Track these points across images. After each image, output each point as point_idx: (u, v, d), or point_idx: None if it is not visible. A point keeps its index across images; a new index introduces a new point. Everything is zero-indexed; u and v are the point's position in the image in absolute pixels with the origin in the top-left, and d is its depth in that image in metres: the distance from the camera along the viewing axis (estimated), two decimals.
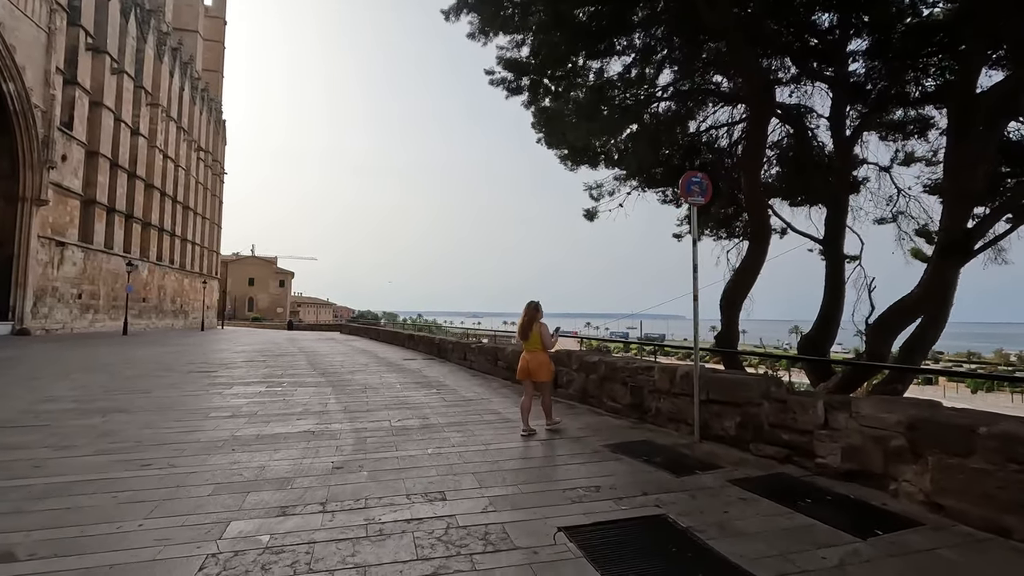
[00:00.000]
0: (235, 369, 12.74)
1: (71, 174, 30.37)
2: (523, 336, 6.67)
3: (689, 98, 14.97)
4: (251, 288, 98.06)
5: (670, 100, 15.01)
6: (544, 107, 12.83)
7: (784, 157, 16.20)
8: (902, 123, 14.45)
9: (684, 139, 15.92)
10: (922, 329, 10.52)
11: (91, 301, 33.14)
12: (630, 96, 14.34)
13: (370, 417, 7.08)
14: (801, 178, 14.53)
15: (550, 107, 12.80)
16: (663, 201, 16.93)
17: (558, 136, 13.15)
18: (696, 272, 5.93)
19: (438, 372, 12.36)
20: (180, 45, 47.71)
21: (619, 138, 15.29)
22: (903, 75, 12.96)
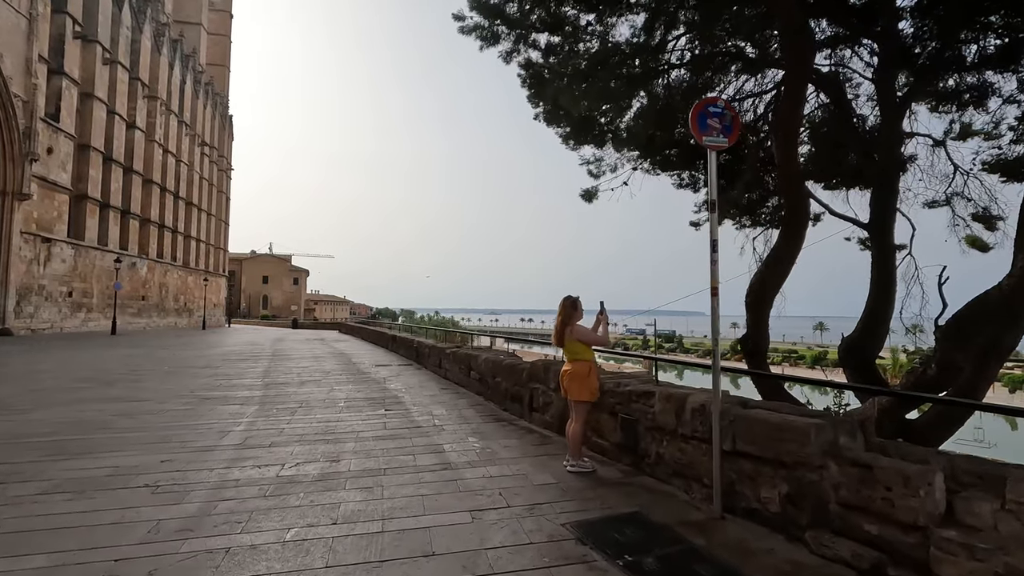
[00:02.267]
0: (175, 377, 10.97)
1: (58, 167, 29.18)
2: (558, 342, 5.14)
3: (707, 65, 12.76)
4: (265, 286, 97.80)
5: (685, 68, 12.82)
6: (531, 61, 10.74)
7: (818, 133, 13.93)
8: (957, 91, 12.10)
9: None
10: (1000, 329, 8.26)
11: (83, 299, 32.01)
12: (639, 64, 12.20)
13: (267, 457, 5.16)
14: (839, 155, 12.28)
15: (539, 63, 10.71)
16: (679, 185, 14.74)
17: (550, 102, 11.08)
18: (716, 251, 3.85)
19: (404, 383, 10.42)
20: (181, 37, 46.58)
21: (626, 114, 13.17)
22: (958, 34, 10.65)
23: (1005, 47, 9.92)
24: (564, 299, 5.10)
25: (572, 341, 4.99)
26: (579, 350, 4.99)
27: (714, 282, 3.85)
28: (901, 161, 12.68)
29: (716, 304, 3.87)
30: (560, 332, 5.05)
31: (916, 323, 11.15)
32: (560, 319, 5.04)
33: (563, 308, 5.05)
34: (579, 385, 4.90)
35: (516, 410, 7.26)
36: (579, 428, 4.90)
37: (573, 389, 4.93)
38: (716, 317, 3.86)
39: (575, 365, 4.97)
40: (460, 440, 5.92)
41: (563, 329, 5.02)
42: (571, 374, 4.95)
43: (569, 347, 5.03)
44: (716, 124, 3.92)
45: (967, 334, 8.21)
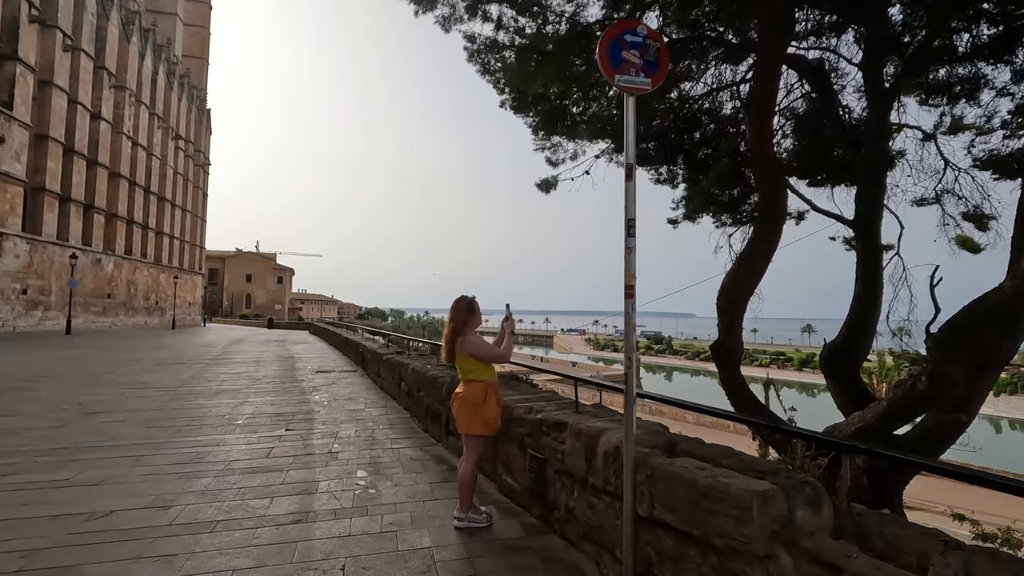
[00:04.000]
0: (76, 386, 9.75)
1: (11, 158, 27.64)
2: (448, 357, 3.93)
3: (684, 52, 11.69)
4: (249, 284, 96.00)
5: None
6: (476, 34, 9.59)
7: (802, 126, 12.93)
8: (948, 82, 11.15)
9: (679, 105, 12.67)
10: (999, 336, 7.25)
11: (40, 297, 30.46)
12: None
13: (85, 502, 3.99)
14: (824, 149, 11.29)
15: (487, 38, 9.57)
16: (656, 181, 13.68)
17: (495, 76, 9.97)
18: (632, 234, 2.74)
19: (332, 394, 9.24)
20: (155, 27, 44.99)
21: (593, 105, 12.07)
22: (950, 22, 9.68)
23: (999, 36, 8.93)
24: (457, 301, 3.94)
25: (464, 357, 3.84)
26: (472, 368, 3.84)
27: (629, 279, 2.73)
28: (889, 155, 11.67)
29: (630, 307, 2.75)
30: (451, 344, 3.88)
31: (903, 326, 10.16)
32: (451, 327, 3.88)
33: (455, 312, 3.90)
34: (469, 414, 3.77)
35: (435, 431, 6.12)
36: (469, 470, 3.75)
37: (462, 419, 3.81)
38: (630, 325, 2.75)
39: (467, 388, 3.83)
40: (346, 475, 4.76)
41: (453, 340, 3.86)
42: (461, 399, 3.82)
43: (461, 364, 3.89)
44: (635, 58, 2.81)
45: (962, 342, 7.16)
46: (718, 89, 12.57)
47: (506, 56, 9.94)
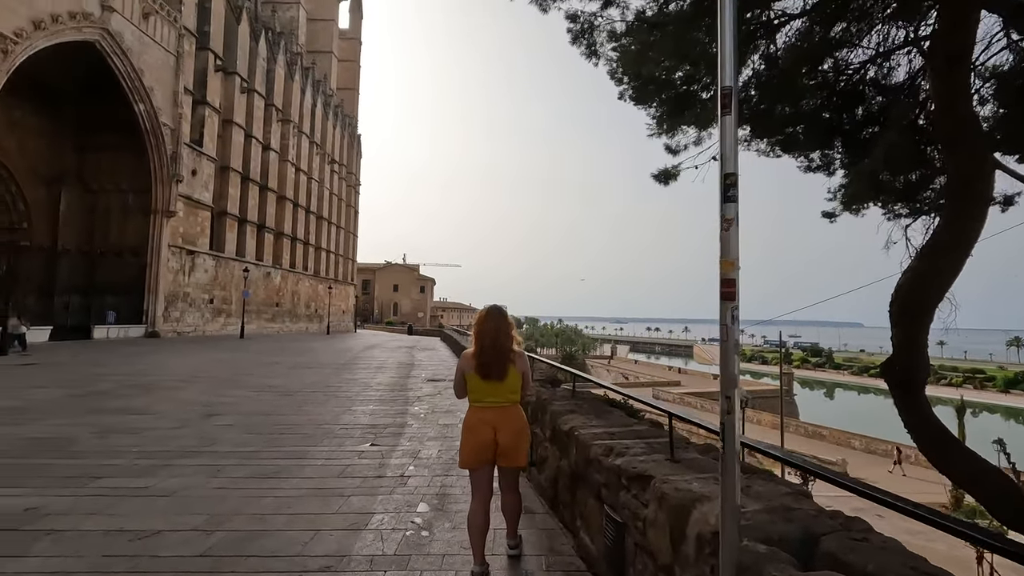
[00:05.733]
0: (216, 387, 10.58)
1: (201, 187, 32.51)
2: (488, 371, 3.16)
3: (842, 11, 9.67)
4: (395, 294, 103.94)
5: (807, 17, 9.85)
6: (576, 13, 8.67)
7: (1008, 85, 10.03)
8: None
9: (834, 78, 10.56)
10: None
11: (223, 306, 35.37)
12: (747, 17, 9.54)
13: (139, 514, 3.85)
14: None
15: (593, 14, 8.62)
16: (807, 168, 11.61)
17: (610, 63, 8.96)
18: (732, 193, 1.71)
19: (432, 405, 8.90)
20: (313, 65, 50.62)
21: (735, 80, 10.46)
22: None
23: None
24: (496, 308, 3.33)
25: (518, 373, 3.19)
26: (517, 387, 3.20)
27: (727, 268, 1.70)
28: None
29: (729, 315, 1.70)
30: (503, 353, 3.16)
31: None
32: (503, 336, 3.19)
33: (501, 321, 3.25)
34: (526, 441, 3.23)
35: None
36: (518, 498, 3.36)
37: (521, 450, 3.19)
38: (730, 345, 1.70)
39: (517, 411, 3.21)
40: (406, 508, 4.15)
41: (507, 352, 3.17)
42: (516, 428, 3.15)
43: (512, 382, 3.18)
44: None
45: None
46: (887, 53, 10.20)
47: (617, 31, 8.91)
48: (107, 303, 28.27)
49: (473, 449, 3.14)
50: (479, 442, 3.12)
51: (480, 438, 3.11)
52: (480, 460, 3.15)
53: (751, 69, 9.84)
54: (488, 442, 3.10)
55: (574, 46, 9.00)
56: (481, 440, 3.11)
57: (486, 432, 3.11)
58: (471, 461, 3.16)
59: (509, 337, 3.22)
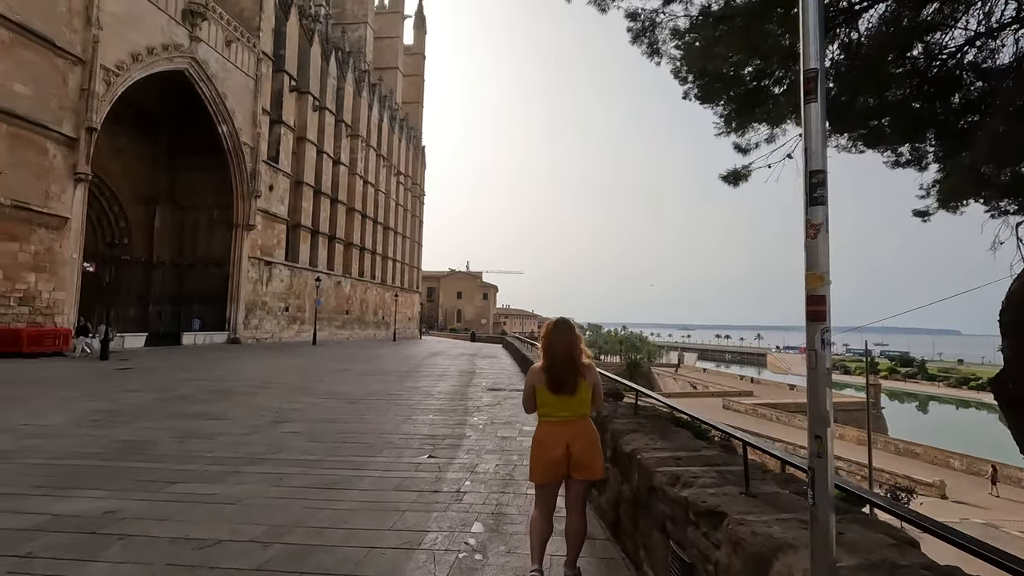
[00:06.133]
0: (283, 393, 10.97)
1: (278, 202, 34.42)
2: (560, 385, 3.11)
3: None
4: (459, 301, 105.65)
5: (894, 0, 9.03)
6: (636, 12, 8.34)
7: None
8: None
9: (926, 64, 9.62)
10: None
11: (297, 313, 37.18)
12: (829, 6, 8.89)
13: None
14: None
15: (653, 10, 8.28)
16: (895, 164, 10.67)
17: (673, 61, 8.59)
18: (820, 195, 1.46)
19: (491, 416, 8.79)
20: (380, 81, 52.57)
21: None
22: None
23: None
24: (562, 321, 3.28)
25: (589, 385, 3.14)
26: (587, 400, 3.16)
27: (814, 283, 1.44)
28: None
29: (819, 338, 1.43)
30: (577, 370, 3.11)
31: None
32: (573, 350, 3.14)
33: (570, 333, 3.19)
34: (599, 454, 3.20)
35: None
36: (584, 521, 3.20)
37: (595, 462, 3.13)
38: (820, 375, 1.43)
39: (587, 423, 3.17)
40: (460, 527, 4.03)
41: (576, 364, 3.12)
42: (591, 439, 3.13)
43: (583, 395, 3.13)
44: None
45: None
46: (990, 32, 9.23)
47: (680, 27, 8.53)
48: (194, 311, 30.36)
49: (545, 464, 3.10)
50: (552, 458, 3.07)
51: (553, 453, 3.06)
52: (552, 475, 3.12)
53: (829, 59, 9.16)
54: (560, 457, 3.05)
55: (635, 45, 8.68)
56: (554, 455, 3.06)
57: (559, 447, 3.05)
58: (543, 476, 3.13)
59: (579, 350, 3.17)
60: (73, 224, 20.40)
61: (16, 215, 18.17)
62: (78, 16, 20.27)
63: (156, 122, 29.96)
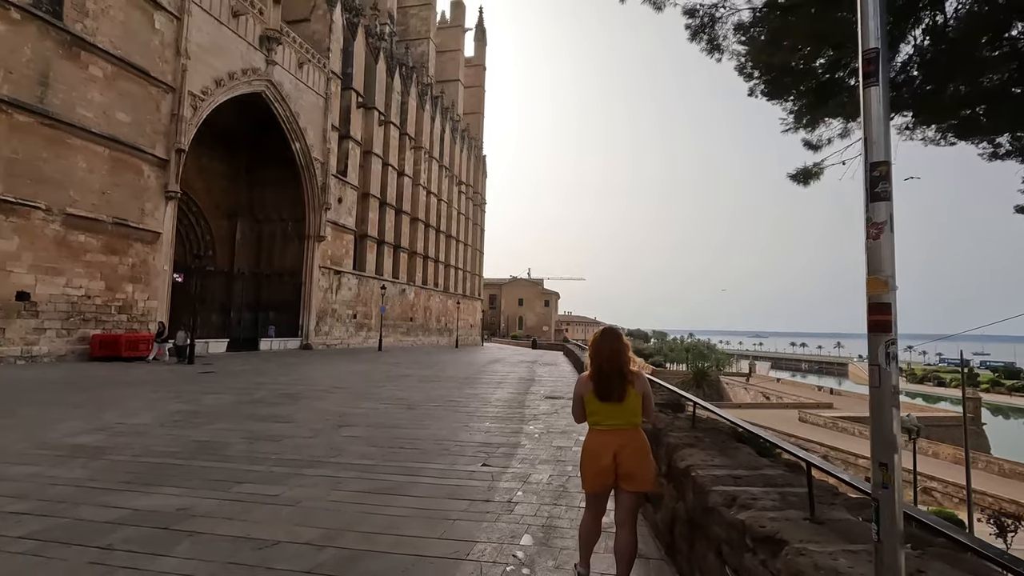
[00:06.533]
0: (339, 400, 11.33)
1: (346, 213, 35.94)
2: (607, 392, 3.14)
3: None
4: (520, 308, 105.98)
5: None
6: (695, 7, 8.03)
7: None
8: None
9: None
10: None
11: (364, 320, 38.56)
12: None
13: None
14: None
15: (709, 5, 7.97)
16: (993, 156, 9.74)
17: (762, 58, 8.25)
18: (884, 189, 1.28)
19: (548, 425, 8.66)
20: (442, 94, 53.93)
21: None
22: None
23: None
24: (609, 329, 3.27)
25: (638, 394, 3.14)
26: (638, 409, 3.15)
27: (876, 288, 1.27)
28: None
29: (883, 351, 1.26)
30: (624, 377, 3.12)
31: None
32: (620, 356, 3.15)
33: (619, 341, 3.22)
34: (649, 464, 3.17)
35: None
36: (636, 540, 3.14)
37: (645, 471, 3.11)
38: (885, 395, 1.26)
39: (637, 432, 3.16)
40: (509, 540, 3.96)
41: (624, 374, 3.13)
42: (639, 447, 3.11)
43: (631, 404, 3.12)
44: None
45: None
46: None
47: (744, 21, 8.17)
48: (270, 318, 32.13)
49: (593, 473, 3.12)
50: (600, 466, 3.08)
51: (601, 462, 3.07)
52: (600, 484, 3.13)
53: (912, 46, 8.49)
54: (608, 466, 3.06)
55: (693, 43, 8.40)
56: (602, 464, 3.07)
57: (606, 456, 3.06)
58: (591, 484, 3.16)
59: (626, 358, 3.17)
60: (165, 238, 22.16)
61: (117, 231, 19.96)
62: (169, 48, 22.11)
63: (236, 141, 32.05)
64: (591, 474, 3.12)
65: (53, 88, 17.53)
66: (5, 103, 16.14)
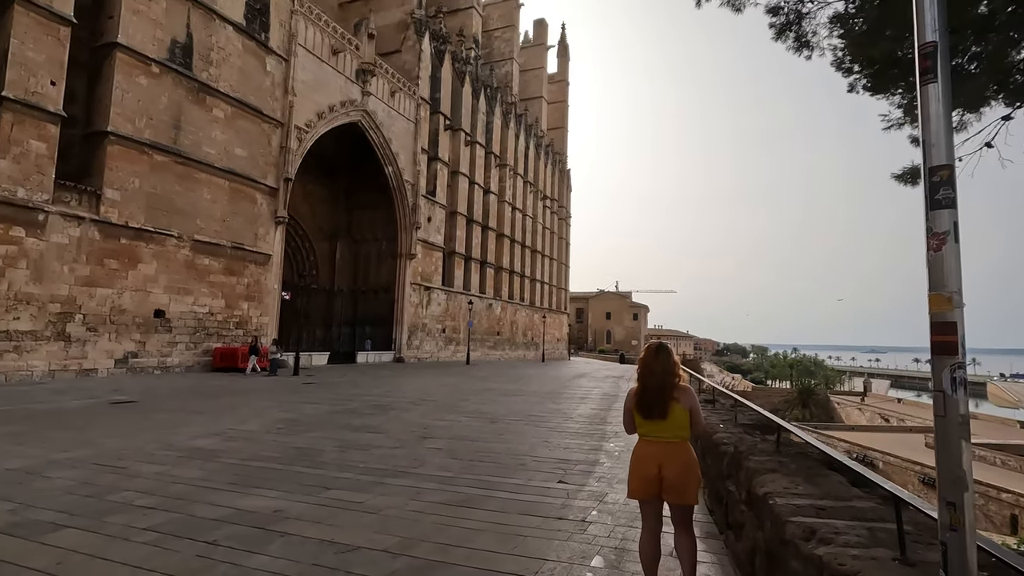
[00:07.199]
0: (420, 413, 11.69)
1: (435, 231, 37.44)
2: (650, 411, 3.22)
3: None
4: (608, 322, 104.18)
5: None
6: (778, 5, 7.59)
7: None
8: None
9: None
10: None
11: (453, 335, 39.75)
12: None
13: None
14: None
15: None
16: None
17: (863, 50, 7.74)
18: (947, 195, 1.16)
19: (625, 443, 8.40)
20: (525, 111, 54.86)
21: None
22: None
23: None
24: (661, 347, 3.34)
25: (685, 409, 3.20)
26: (685, 423, 3.21)
27: (939, 305, 1.14)
28: None
29: (949, 374, 1.13)
30: (669, 396, 3.18)
31: None
32: (669, 377, 3.21)
33: (669, 357, 3.27)
34: (694, 478, 3.18)
35: (719, 514, 4.61)
36: (694, 545, 3.23)
37: (690, 486, 3.14)
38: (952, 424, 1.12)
39: (683, 449, 3.18)
40: (580, 561, 3.89)
41: (671, 389, 3.19)
42: (683, 461, 3.14)
43: (678, 418, 3.18)
44: None
45: None
46: None
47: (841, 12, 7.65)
48: (366, 333, 34.04)
49: (638, 480, 3.21)
50: (644, 475, 3.17)
51: (645, 472, 3.17)
52: (645, 492, 3.19)
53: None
54: (652, 477, 3.13)
55: (778, 41, 7.96)
56: (645, 474, 3.16)
57: (651, 466, 3.15)
58: (637, 492, 3.24)
59: (675, 376, 3.23)
60: (275, 259, 24.31)
61: (235, 254, 22.19)
62: (279, 87, 24.44)
63: (336, 167, 34.56)
64: (635, 482, 3.21)
65: (184, 130, 19.95)
66: (148, 145, 18.61)
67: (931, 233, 1.19)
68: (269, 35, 23.80)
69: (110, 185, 17.57)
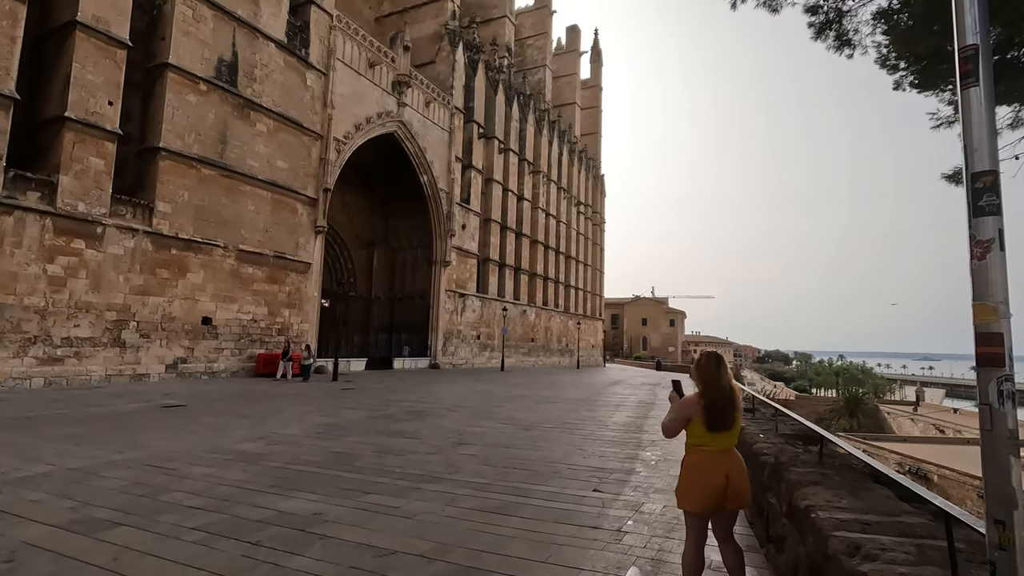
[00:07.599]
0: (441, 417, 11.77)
1: (469, 239, 37.76)
2: (718, 425, 3.17)
3: None
4: (644, 328, 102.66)
5: None
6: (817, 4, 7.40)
7: None
8: None
9: None
10: None
11: (488, 341, 39.93)
12: None
13: None
14: None
15: None
16: None
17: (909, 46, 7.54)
18: (991, 202, 1.12)
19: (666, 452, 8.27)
20: (559, 118, 54.89)
21: None
22: None
23: None
24: (722, 358, 3.35)
25: (741, 416, 3.34)
26: (740, 428, 3.34)
27: (984, 315, 1.11)
28: None
29: (995, 388, 1.09)
30: (736, 409, 3.20)
31: None
32: (736, 390, 3.26)
33: (727, 370, 3.28)
34: (749, 480, 3.32)
35: (759, 527, 4.48)
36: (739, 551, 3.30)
37: (748, 488, 3.25)
38: (998, 435, 1.08)
39: (739, 455, 3.28)
40: (615, 570, 3.86)
41: (735, 399, 3.21)
42: (742, 467, 3.23)
43: (738, 426, 3.27)
44: None
45: None
46: None
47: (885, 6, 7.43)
48: (403, 339, 34.54)
49: (704, 491, 3.12)
50: (712, 486, 3.10)
51: (713, 482, 3.10)
52: (711, 503, 3.14)
53: None
54: (720, 486, 3.10)
55: (818, 40, 7.76)
56: (714, 484, 3.10)
57: (718, 476, 3.10)
58: (702, 504, 3.15)
59: (738, 389, 3.32)
60: (314, 268, 24.99)
61: (277, 263, 22.92)
62: (318, 101, 25.21)
63: (371, 177, 35.32)
64: (703, 494, 3.11)
65: (229, 144, 20.79)
66: (196, 160, 19.46)
67: (974, 241, 1.15)
68: (309, 51, 24.60)
69: (161, 198, 18.45)
